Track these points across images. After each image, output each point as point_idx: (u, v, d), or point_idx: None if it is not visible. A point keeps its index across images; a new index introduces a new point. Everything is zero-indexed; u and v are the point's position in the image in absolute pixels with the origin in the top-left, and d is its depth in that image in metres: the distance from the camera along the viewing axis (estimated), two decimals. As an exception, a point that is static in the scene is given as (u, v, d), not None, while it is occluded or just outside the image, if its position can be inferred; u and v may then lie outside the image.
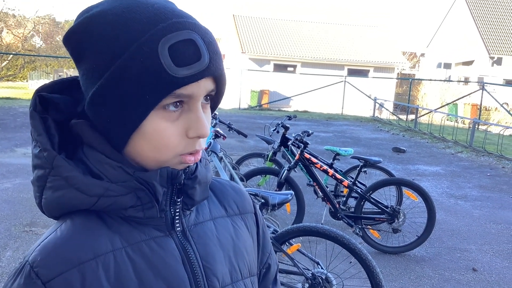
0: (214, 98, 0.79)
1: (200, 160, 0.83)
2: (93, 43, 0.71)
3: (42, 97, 0.75)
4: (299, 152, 5.04)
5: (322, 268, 3.27)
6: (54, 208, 0.74)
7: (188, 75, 0.68)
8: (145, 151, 0.73)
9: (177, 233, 0.80)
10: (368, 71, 27.23)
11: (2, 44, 27.98)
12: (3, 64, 26.57)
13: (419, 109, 17.58)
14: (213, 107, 0.81)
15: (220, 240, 0.84)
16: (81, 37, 0.72)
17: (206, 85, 0.73)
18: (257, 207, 0.99)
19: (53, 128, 0.74)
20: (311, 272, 3.22)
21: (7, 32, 28.66)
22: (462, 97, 18.95)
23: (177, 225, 0.80)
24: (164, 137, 0.72)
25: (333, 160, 5.51)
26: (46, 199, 0.74)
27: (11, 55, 26.19)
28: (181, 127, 0.73)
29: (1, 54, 25.84)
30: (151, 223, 0.77)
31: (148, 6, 0.71)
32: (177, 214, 0.80)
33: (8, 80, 30.26)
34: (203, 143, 0.77)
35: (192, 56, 0.68)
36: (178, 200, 0.79)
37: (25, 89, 31.05)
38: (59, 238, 0.71)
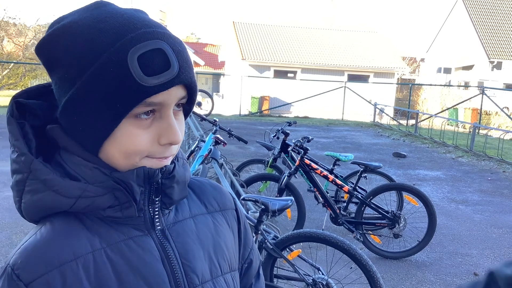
0: (186, 105, 0.81)
1: (178, 160, 0.85)
2: (63, 53, 0.72)
3: (19, 103, 0.77)
4: (299, 158, 5.05)
5: (323, 273, 3.26)
6: (34, 212, 0.76)
7: (158, 84, 0.70)
8: (117, 158, 0.74)
9: (157, 232, 0.80)
10: (368, 76, 27.27)
11: (3, 52, 28.05)
12: (4, 73, 26.60)
13: (420, 114, 17.59)
14: (186, 114, 0.82)
15: (200, 237, 0.86)
16: (52, 48, 0.74)
17: (177, 93, 0.74)
18: (238, 203, 1.00)
19: (30, 133, 0.76)
20: (312, 278, 3.22)
21: (8, 41, 28.74)
22: (462, 102, 18.98)
23: (157, 224, 0.81)
24: (136, 144, 0.73)
25: (334, 165, 5.52)
26: (25, 203, 0.75)
27: (12, 64, 26.25)
28: (153, 134, 0.74)
29: (2, 63, 25.91)
30: (130, 223, 0.78)
31: (118, 16, 0.72)
32: (156, 213, 0.81)
33: (9, 89, 30.29)
34: (174, 149, 0.78)
35: (161, 65, 0.70)
36: (156, 199, 0.80)
37: (26, 97, 31.06)
38: (39, 240, 0.72)
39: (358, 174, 5.29)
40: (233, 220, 0.94)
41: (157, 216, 0.81)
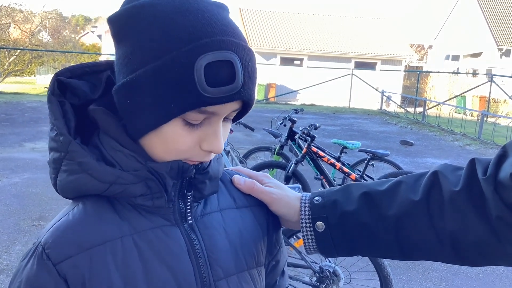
0: (238, 114, 0.80)
1: None
2: (135, 34, 0.71)
3: (60, 81, 0.77)
4: (306, 146, 5.03)
5: (329, 261, 3.26)
6: (68, 190, 0.77)
7: (217, 97, 0.68)
8: (156, 149, 0.75)
9: (184, 223, 0.81)
10: (376, 63, 27.10)
11: (10, 39, 28.02)
12: (11, 60, 26.59)
13: (427, 101, 17.48)
14: (234, 120, 0.82)
15: (227, 231, 0.85)
16: (125, 24, 0.72)
17: (232, 106, 0.73)
18: None
19: (70, 113, 0.76)
20: (318, 265, 3.22)
21: (15, 27, 28.70)
22: (471, 89, 18.84)
23: (189, 218, 0.81)
24: (178, 143, 0.73)
25: (341, 153, 5.50)
26: (61, 182, 0.76)
27: (19, 50, 26.25)
28: (196, 138, 0.74)
29: (9, 50, 25.92)
30: (159, 212, 0.79)
31: (198, 12, 0.70)
32: (188, 206, 0.81)
33: (15, 75, 30.33)
34: (211, 156, 0.79)
35: (226, 78, 0.68)
36: (189, 194, 0.80)
37: (33, 84, 31.17)
38: (70, 221, 0.74)
39: (365, 162, 5.27)
40: (262, 217, 0.92)
41: (189, 209, 0.81)
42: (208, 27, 0.69)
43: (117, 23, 0.74)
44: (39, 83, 32.03)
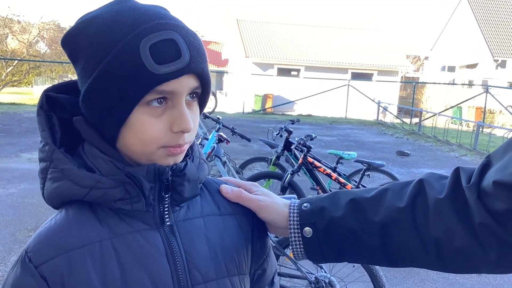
0: (201, 97, 0.83)
1: (193, 160, 0.88)
2: (84, 46, 0.77)
3: (49, 96, 0.82)
4: (302, 156, 5.05)
5: (325, 272, 3.27)
6: (53, 198, 0.80)
7: (168, 72, 0.73)
8: (133, 145, 0.78)
9: (165, 227, 0.83)
10: (372, 74, 27.20)
11: (7, 50, 28.10)
12: (8, 70, 26.65)
13: (423, 112, 17.54)
14: (201, 106, 0.85)
15: (208, 237, 0.87)
16: (74, 41, 0.79)
17: (188, 82, 0.77)
18: None
19: (57, 125, 0.81)
20: (314, 276, 3.22)
21: (12, 38, 28.78)
22: (466, 100, 18.90)
23: (166, 220, 0.83)
24: (149, 131, 0.76)
25: (337, 163, 5.52)
26: (47, 190, 0.80)
27: (16, 61, 26.29)
28: (165, 122, 0.77)
29: (6, 60, 25.97)
30: (139, 216, 0.81)
31: (135, 9, 0.77)
32: (166, 209, 0.83)
33: (13, 86, 30.37)
34: (188, 138, 0.80)
35: (172, 54, 0.73)
36: (166, 196, 0.83)
37: (30, 94, 31.21)
38: (52, 226, 0.78)
39: (361, 172, 5.29)
40: (247, 225, 0.94)
41: (167, 212, 0.83)
42: (146, 16, 0.75)
43: (68, 43, 0.80)
44: (36, 93, 32.03)
